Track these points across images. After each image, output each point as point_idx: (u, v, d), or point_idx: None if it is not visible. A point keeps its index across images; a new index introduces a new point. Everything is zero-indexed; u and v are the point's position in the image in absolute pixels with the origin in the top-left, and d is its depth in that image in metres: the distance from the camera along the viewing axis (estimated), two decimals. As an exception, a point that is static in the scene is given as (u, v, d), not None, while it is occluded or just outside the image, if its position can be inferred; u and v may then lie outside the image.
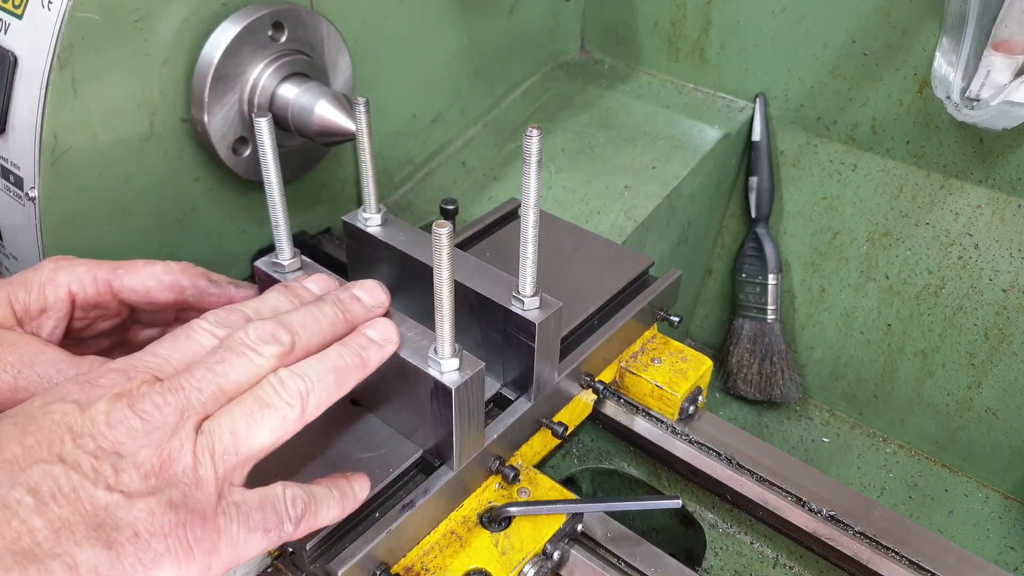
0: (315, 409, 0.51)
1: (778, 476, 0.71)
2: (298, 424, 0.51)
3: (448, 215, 0.80)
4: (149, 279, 0.64)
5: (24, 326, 0.60)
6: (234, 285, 0.68)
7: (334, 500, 0.53)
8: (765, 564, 0.74)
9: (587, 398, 0.75)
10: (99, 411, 0.45)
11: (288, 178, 0.85)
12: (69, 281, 0.62)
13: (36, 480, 0.42)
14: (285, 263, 0.64)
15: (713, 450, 0.74)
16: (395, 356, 0.58)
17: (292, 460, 0.59)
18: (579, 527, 0.65)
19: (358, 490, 0.55)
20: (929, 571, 0.65)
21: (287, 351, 0.51)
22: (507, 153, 1.16)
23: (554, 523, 0.62)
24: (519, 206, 0.83)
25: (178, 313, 0.71)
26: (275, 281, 0.64)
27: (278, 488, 0.50)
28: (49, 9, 0.66)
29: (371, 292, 0.58)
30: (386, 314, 0.58)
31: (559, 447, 0.80)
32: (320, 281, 0.60)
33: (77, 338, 0.65)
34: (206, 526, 0.45)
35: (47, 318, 0.61)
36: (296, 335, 0.52)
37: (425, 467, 0.61)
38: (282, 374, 0.50)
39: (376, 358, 0.55)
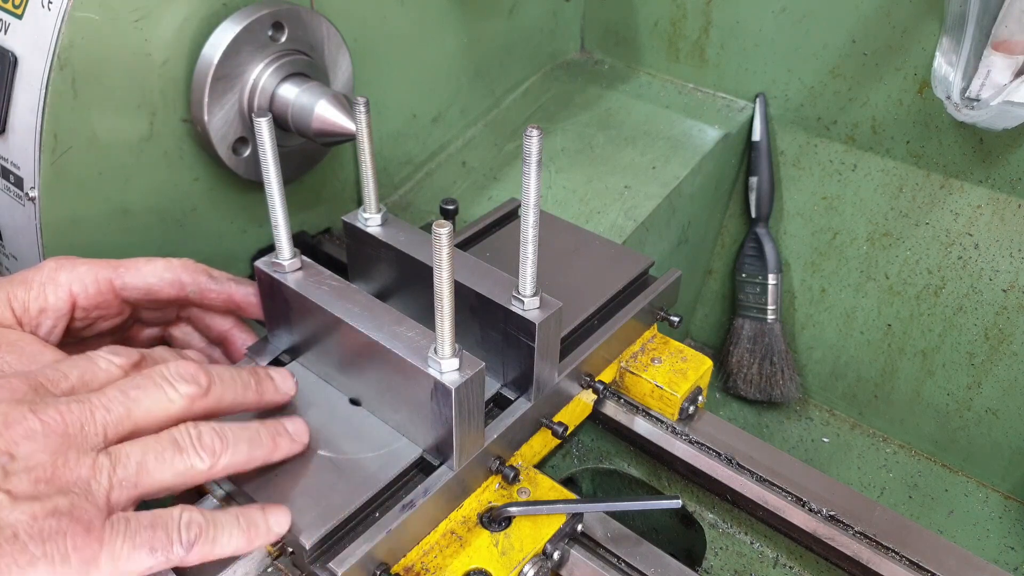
0: (221, 471, 0.52)
1: (778, 476, 0.71)
2: (201, 479, 0.51)
3: (448, 215, 0.80)
4: (150, 276, 0.64)
5: (23, 325, 0.60)
6: (235, 281, 0.68)
7: (238, 529, 0.51)
8: (765, 564, 0.74)
9: (587, 398, 0.75)
10: None
11: (288, 178, 0.85)
12: (70, 281, 0.62)
13: None
14: (285, 263, 0.64)
15: (713, 450, 0.74)
16: (395, 356, 0.58)
17: (290, 461, 0.59)
18: (579, 527, 0.65)
19: (272, 523, 0.53)
20: (929, 571, 0.65)
21: (201, 394, 0.52)
22: (507, 153, 1.16)
23: (554, 523, 0.62)
24: (519, 206, 0.83)
25: (179, 311, 0.71)
26: (275, 281, 0.64)
27: (175, 511, 0.50)
28: (49, 9, 0.66)
29: (283, 379, 0.59)
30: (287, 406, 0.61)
31: (559, 447, 0.80)
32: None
33: (78, 338, 0.65)
34: (88, 536, 0.45)
35: (45, 317, 0.61)
36: (213, 382, 0.53)
37: (425, 467, 0.61)
38: (202, 427, 0.51)
39: (285, 449, 0.56)
